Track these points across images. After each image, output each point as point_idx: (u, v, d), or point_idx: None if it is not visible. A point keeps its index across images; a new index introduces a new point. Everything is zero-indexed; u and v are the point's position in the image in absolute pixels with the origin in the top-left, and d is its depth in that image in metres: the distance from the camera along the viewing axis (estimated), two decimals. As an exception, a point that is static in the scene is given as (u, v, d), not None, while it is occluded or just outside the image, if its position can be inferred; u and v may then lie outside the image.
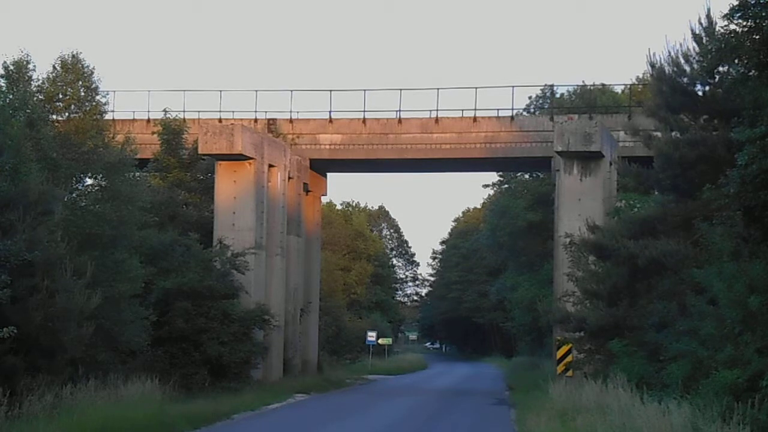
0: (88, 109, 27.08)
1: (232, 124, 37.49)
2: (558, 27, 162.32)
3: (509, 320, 72.33)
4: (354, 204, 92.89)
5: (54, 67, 27.13)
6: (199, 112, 42.37)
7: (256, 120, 41.68)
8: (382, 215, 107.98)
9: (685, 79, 26.07)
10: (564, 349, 31.29)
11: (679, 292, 23.10)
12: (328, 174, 46.98)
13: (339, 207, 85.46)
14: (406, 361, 73.29)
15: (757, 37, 17.36)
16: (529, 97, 58.54)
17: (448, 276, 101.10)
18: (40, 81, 26.72)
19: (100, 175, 26.61)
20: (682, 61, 26.03)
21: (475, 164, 44.67)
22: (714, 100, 24.49)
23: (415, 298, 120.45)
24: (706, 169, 23.29)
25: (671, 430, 15.56)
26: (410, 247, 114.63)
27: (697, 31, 24.86)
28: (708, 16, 24.33)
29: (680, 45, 26.12)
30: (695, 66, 25.57)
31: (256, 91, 42.22)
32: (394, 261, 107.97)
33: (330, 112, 42.20)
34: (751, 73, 18.43)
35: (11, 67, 25.08)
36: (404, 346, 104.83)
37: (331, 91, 48.91)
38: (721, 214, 20.38)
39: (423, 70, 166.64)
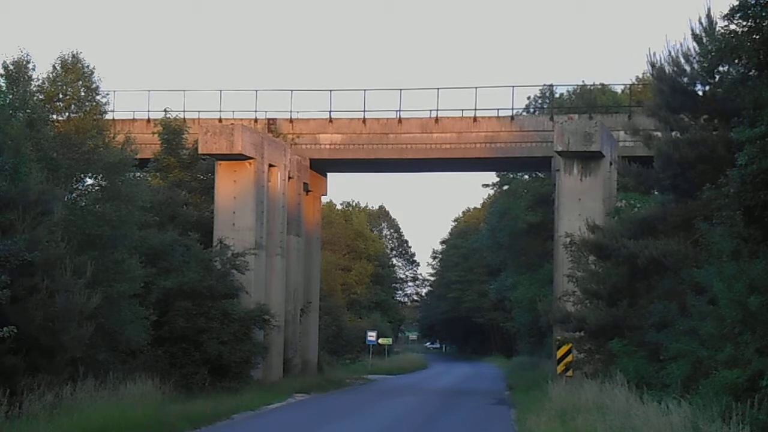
0: (88, 109, 27.07)
1: (232, 124, 37.49)
2: (558, 27, 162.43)
3: (509, 320, 72.42)
4: (354, 204, 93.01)
5: (54, 67, 27.15)
6: (199, 112, 42.50)
7: (256, 120, 41.70)
8: (382, 215, 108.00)
9: (685, 79, 26.07)
10: (564, 349, 31.29)
11: (679, 292, 23.10)
12: (328, 174, 47.01)
13: (339, 207, 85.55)
14: (406, 361, 73.25)
15: (757, 37, 17.36)
16: (529, 98, 58.53)
17: (448, 276, 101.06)
18: (40, 81, 26.74)
19: (100, 175, 26.59)
20: (682, 61, 26.04)
21: (475, 164, 44.68)
22: (714, 100, 24.47)
23: (415, 298, 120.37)
24: (706, 169, 23.28)
25: (671, 430, 15.54)
26: (410, 247, 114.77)
27: (697, 31, 24.85)
28: (708, 16, 24.34)
29: (680, 45, 26.18)
30: (695, 66, 25.57)
31: (256, 91, 42.37)
32: (394, 261, 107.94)
33: (330, 112, 42.28)
34: (751, 73, 18.44)
35: (11, 67, 25.06)
36: (404, 346, 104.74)
37: (331, 91, 48.98)
38: (721, 214, 20.33)
39: (423, 70, 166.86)
